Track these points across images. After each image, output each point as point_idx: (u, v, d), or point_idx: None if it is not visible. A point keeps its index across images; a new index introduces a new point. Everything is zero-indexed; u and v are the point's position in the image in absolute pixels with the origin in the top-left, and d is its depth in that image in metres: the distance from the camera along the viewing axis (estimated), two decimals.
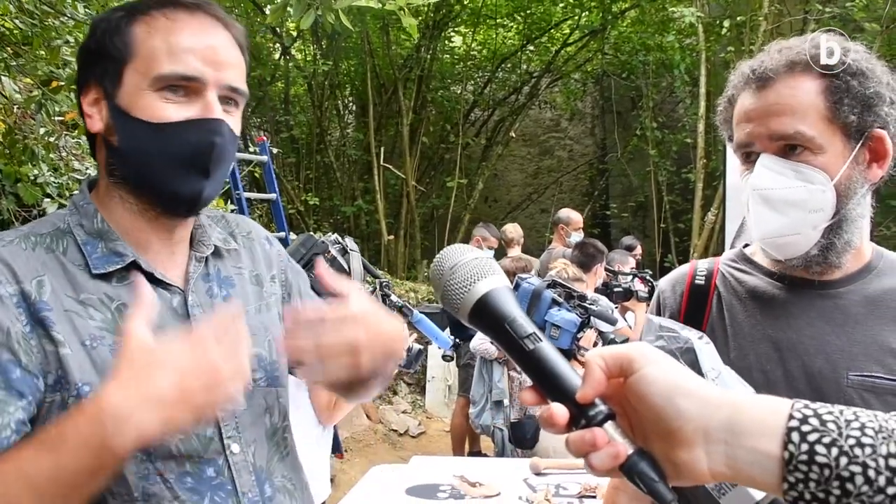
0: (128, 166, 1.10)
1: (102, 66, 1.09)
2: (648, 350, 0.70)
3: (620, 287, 4.66)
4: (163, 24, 1.08)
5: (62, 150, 3.20)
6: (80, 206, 1.13)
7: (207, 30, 1.10)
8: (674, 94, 11.30)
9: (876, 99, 1.20)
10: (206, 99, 1.08)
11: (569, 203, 10.93)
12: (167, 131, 1.06)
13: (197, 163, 1.08)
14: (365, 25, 9.85)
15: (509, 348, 0.76)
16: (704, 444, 0.65)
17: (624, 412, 0.71)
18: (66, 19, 2.36)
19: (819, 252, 1.24)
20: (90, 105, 1.11)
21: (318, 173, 11.74)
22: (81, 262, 1.08)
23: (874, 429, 0.60)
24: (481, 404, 4.93)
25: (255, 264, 1.29)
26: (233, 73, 1.11)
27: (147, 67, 1.06)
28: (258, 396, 1.18)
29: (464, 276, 0.79)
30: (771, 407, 0.65)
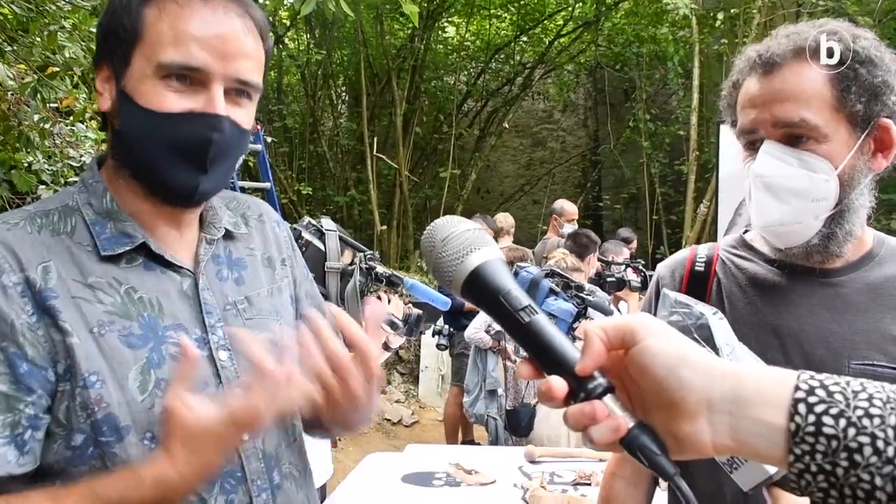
0: (127, 151, 1.08)
1: (112, 46, 1.06)
2: (650, 321, 0.68)
3: (614, 277, 4.67)
4: (172, 10, 1.03)
5: (56, 138, 3.18)
6: (88, 185, 1.10)
7: (220, 17, 1.04)
8: (667, 86, 11.32)
9: (884, 88, 1.18)
10: (211, 92, 1.03)
11: (561, 194, 10.94)
12: (165, 121, 1.02)
13: (192, 157, 1.04)
14: (359, 15, 9.81)
15: (504, 321, 0.73)
16: (708, 416, 0.64)
17: (623, 385, 0.69)
18: (64, 4, 2.34)
19: (820, 241, 1.23)
20: (102, 83, 1.09)
21: (311, 163, 11.71)
22: (89, 243, 1.05)
23: (882, 399, 0.59)
24: (475, 393, 4.95)
25: (266, 246, 1.26)
26: (245, 65, 1.06)
27: (152, 53, 1.02)
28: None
29: (456, 248, 0.76)
30: (777, 378, 0.64)
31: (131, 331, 1.03)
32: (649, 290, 1.52)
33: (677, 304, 1.13)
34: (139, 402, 1.01)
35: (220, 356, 1.09)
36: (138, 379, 1.01)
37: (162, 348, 1.04)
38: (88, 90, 2.84)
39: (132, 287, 1.06)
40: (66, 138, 3.32)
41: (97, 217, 1.07)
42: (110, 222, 1.07)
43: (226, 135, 1.05)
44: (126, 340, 1.02)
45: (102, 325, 1.01)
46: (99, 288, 1.03)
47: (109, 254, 1.05)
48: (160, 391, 1.02)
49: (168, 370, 1.03)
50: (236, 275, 1.18)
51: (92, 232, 1.06)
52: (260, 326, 1.16)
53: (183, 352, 0.93)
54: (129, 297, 1.05)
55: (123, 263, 1.06)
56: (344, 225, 10.80)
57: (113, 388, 0.99)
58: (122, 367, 1.01)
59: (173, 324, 1.07)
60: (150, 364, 1.02)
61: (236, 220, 1.24)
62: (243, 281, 1.19)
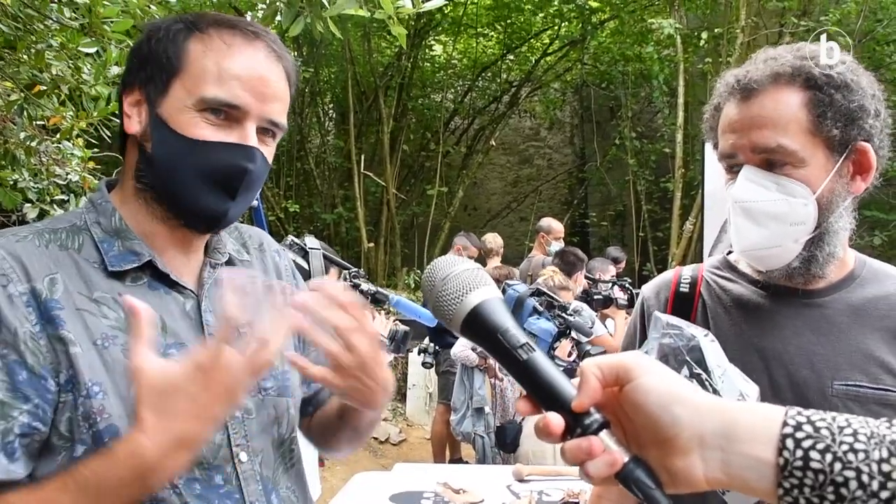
0: (157, 174, 1.10)
1: (150, 72, 1.09)
2: (644, 359, 0.71)
3: (600, 295, 4.69)
4: (218, 47, 1.08)
5: (42, 155, 3.17)
6: (97, 205, 1.13)
7: (260, 60, 1.10)
8: (652, 105, 11.41)
9: (860, 112, 1.19)
10: (244, 129, 1.08)
11: (548, 212, 10.98)
12: (201, 148, 1.06)
13: (225, 184, 1.08)
14: (346, 33, 9.84)
15: (503, 358, 0.75)
16: (700, 451, 0.66)
17: (618, 421, 0.71)
18: (52, 23, 2.34)
19: (801, 264, 1.24)
20: (131, 106, 1.12)
21: (299, 180, 11.70)
22: (97, 260, 1.07)
23: (866, 434, 0.62)
24: (462, 411, 4.94)
25: (266, 275, 1.29)
26: (276, 107, 1.11)
27: (194, 85, 1.07)
28: (268, 406, 1.17)
29: (456, 287, 0.78)
30: (765, 414, 0.66)
31: None
32: (634, 312, 1.52)
33: (669, 326, 1.14)
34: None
35: None
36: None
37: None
38: (76, 108, 2.83)
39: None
40: (52, 156, 3.31)
41: (105, 235, 1.10)
42: (118, 240, 1.09)
43: (257, 166, 1.10)
44: (129, 354, 1.01)
45: (106, 339, 1.03)
46: (104, 303, 1.05)
47: (116, 269, 1.07)
48: None
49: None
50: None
51: (100, 249, 1.08)
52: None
53: (129, 310, 0.91)
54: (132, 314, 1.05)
55: (128, 281, 1.08)
56: (331, 242, 10.79)
57: (115, 399, 1.00)
58: (123, 379, 1.01)
59: (175, 342, 1.08)
60: None
61: (238, 247, 1.27)
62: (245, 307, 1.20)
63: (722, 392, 1.05)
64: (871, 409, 1.20)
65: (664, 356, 1.09)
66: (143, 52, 1.11)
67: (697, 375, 1.06)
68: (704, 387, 1.05)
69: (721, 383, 1.06)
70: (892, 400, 1.20)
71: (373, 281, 9.79)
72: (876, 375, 1.22)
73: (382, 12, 1.79)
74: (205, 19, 1.11)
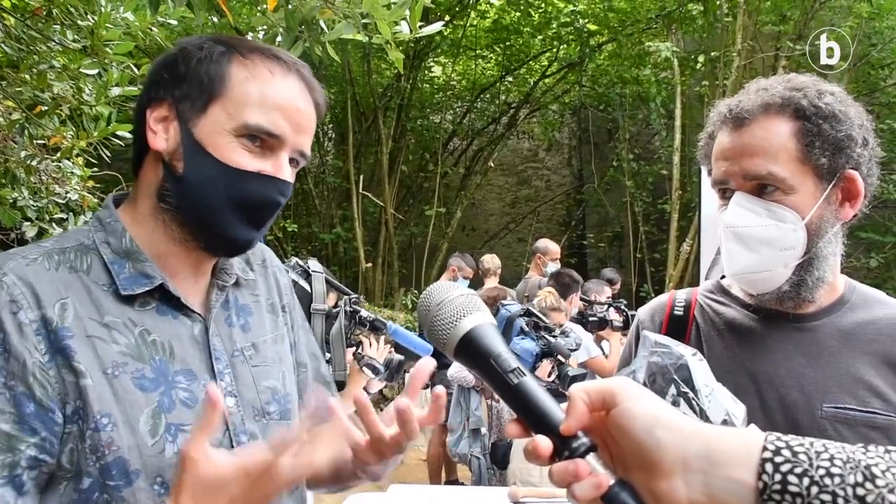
0: (186, 196, 1.07)
1: (186, 90, 1.07)
2: (630, 385, 0.73)
3: (596, 316, 4.69)
4: (263, 75, 1.08)
5: (42, 174, 3.19)
6: (105, 224, 1.11)
7: (298, 93, 1.11)
8: (649, 127, 11.47)
9: (847, 141, 1.23)
10: (279, 158, 1.09)
11: (546, 233, 11.00)
12: (239, 176, 1.06)
13: (256, 214, 1.09)
14: (346, 55, 9.91)
15: (494, 382, 0.77)
16: (683, 474, 0.67)
17: (605, 444, 0.73)
18: (54, 45, 2.37)
19: (791, 288, 1.27)
20: (157, 121, 1.09)
21: (297, 200, 11.72)
22: (107, 282, 1.06)
23: (842, 459, 0.63)
24: (458, 432, 4.93)
25: (270, 293, 1.29)
26: (307, 139, 1.13)
27: (236, 111, 1.06)
28: (271, 430, 1.16)
29: (450, 313, 0.81)
30: (745, 438, 0.68)
31: (144, 373, 1.03)
32: (630, 334, 1.55)
33: (657, 345, 1.15)
34: (149, 447, 1.00)
35: (226, 403, 1.10)
36: (149, 423, 1.01)
37: (172, 393, 1.04)
38: (76, 128, 2.85)
39: (146, 329, 1.06)
40: (52, 175, 3.33)
41: (115, 256, 1.08)
42: (129, 262, 1.08)
43: (287, 198, 1.11)
44: (138, 383, 1.02)
45: (116, 367, 1.01)
46: (114, 328, 1.03)
47: (129, 293, 1.05)
48: (170, 436, 1.02)
49: (178, 415, 1.03)
50: (243, 321, 1.20)
51: (111, 271, 1.06)
52: (265, 374, 1.18)
53: (210, 400, 0.90)
54: (142, 339, 1.05)
55: (138, 305, 1.07)
56: (329, 262, 10.80)
57: (124, 431, 0.99)
58: (133, 409, 1.00)
59: (183, 369, 1.07)
60: (161, 408, 1.02)
61: (243, 266, 1.26)
62: (249, 328, 1.20)
63: (709, 411, 1.07)
64: (860, 431, 1.22)
65: (652, 375, 1.10)
66: (177, 69, 1.09)
67: (685, 394, 1.07)
68: (691, 405, 1.06)
69: (708, 402, 1.07)
70: (879, 423, 1.22)
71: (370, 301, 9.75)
72: (864, 399, 1.24)
73: (380, 37, 1.81)
74: (246, 45, 1.11)
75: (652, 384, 1.09)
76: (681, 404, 1.06)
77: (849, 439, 1.20)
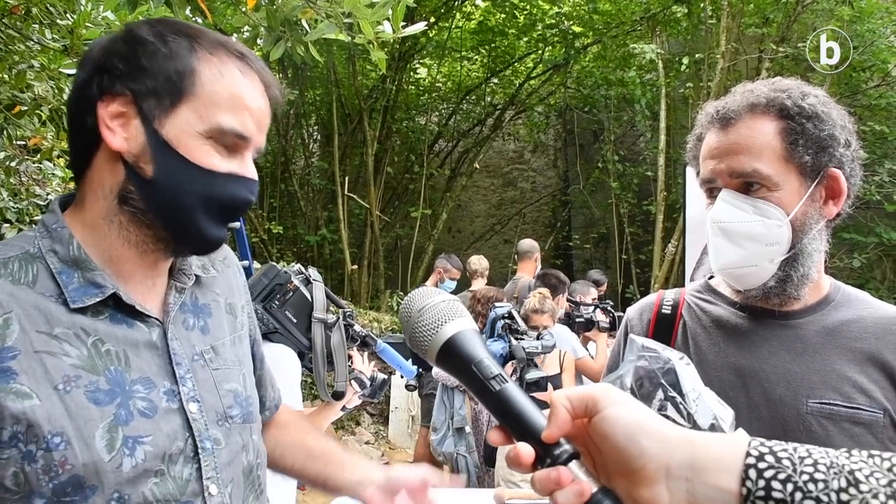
0: (157, 200, 1.03)
1: (151, 87, 1.02)
2: (612, 391, 0.72)
3: (582, 317, 4.70)
4: (232, 76, 1.06)
5: (23, 175, 3.15)
6: (52, 230, 1.05)
7: (261, 92, 1.10)
8: (635, 128, 11.52)
9: (830, 140, 1.26)
10: (244, 157, 1.08)
11: (531, 234, 11.02)
12: (214, 180, 1.04)
13: (229, 213, 1.09)
14: (331, 56, 9.89)
15: (476, 389, 0.77)
16: (666, 481, 0.67)
17: (588, 451, 0.73)
18: (34, 44, 2.34)
19: (776, 284, 1.30)
20: (113, 118, 1.03)
21: (283, 202, 11.69)
22: (55, 293, 1.00)
23: (826, 465, 0.63)
24: (443, 431, 4.92)
25: (229, 292, 1.26)
26: (265, 138, 1.13)
27: (208, 113, 1.03)
28: (235, 434, 1.14)
29: (431, 319, 0.80)
30: (729, 444, 0.67)
31: (98, 386, 0.99)
32: (619, 334, 1.57)
33: (644, 349, 1.15)
34: (106, 462, 0.96)
35: (190, 408, 1.07)
36: (105, 437, 0.97)
37: (129, 403, 1.01)
38: (56, 128, 2.82)
39: (100, 339, 1.02)
40: (32, 176, 3.29)
41: (63, 266, 1.03)
42: (78, 271, 1.03)
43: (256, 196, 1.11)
44: (93, 397, 0.98)
45: (68, 381, 0.97)
46: (65, 339, 0.99)
47: (79, 306, 1.01)
48: (128, 449, 0.98)
49: (136, 427, 1.00)
50: (202, 323, 1.17)
51: (58, 281, 1.01)
52: (226, 377, 1.15)
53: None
54: (95, 350, 1.01)
55: (90, 315, 1.02)
56: (315, 264, 10.74)
57: (79, 448, 0.95)
58: (88, 424, 0.96)
59: (140, 377, 1.04)
60: (118, 421, 0.99)
61: (203, 262, 1.24)
62: (208, 330, 1.17)
63: (696, 415, 1.06)
64: (844, 426, 1.23)
65: (640, 379, 1.10)
66: (137, 61, 1.02)
67: (672, 398, 1.07)
68: (679, 410, 1.06)
69: (695, 406, 1.07)
70: (863, 418, 1.23)
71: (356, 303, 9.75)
72: (849, 394, 1.25)
73: (363, 37, 1.80)
74: (207, 36, 1.07)
75: (639, 388, 1.08)
76: (668, 409, 1.05)
77: (833, 434, 1.23)
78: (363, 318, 8.26)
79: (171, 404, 1.05)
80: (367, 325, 7.91)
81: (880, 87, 8.84)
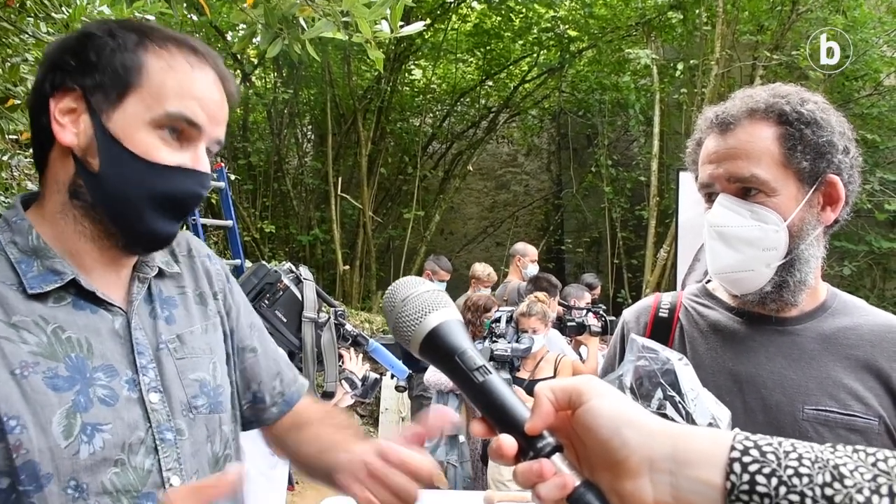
0: (103, 193, 1.03)
1: (98, 80, 1.03)
2: (596, 383, 0.71)
3: (574, 321, 4.70)
4: (182, 67, 1.06)
5: (14, 170, 3.13)
6: (12, 223, 1.06)
7: (214, 84, 1.10)
8: (628, 133, 11.55)
9: (828, 147, 1.26)
10: (196, 150, 1.07)
11: (524, 237, 11.04)
12: (159, 173, 1.03)
13: (178, 208, 1.08)
14: (326, 55, 9.88)
15: (459, 380, 0.76)
16: (649, 474, 0.66)
17: (571, 444, 0.72)
18: (28, 37, 2.33)
19: (773, 289, 1.30)
20: (63, 113, 1.04)
21: (275, 201, 11.66)
22: (14, 282, 1.01)
23: (811, 459, 0.63)
24: (435, 439, 4.87)
25: (198, 283, 1.25)
26: (222, 129, 1.12)
27: (154, 101, 1.03)
28: (199, 424, 1.12)
29: (415, 309, 0.79)
30: (713, 438, 0.67)
31: (57, 372, 0.98)
32: (615, 335, 1.57)
33: (644, 349, 1.16)
34: (62, 448, 0.95)
35: (150, 398, 1.06)
36: (63, 423, 0.96)
37: (90, 391, 1.00)
38: None
39: (60, 326, 1.01)
40: (24, 171, 3.27)
41: (22, 255, 1.03)
42: (37, 260, 1.03)
43: (207, 189, 1.10)
44: (51, 382, 0.97)
45: (25, 367, 0.96)
46: (23, 327, 0.98)
47: (37, 292, 1.01)
48: (86, 436, 0.97)
49: (95, 414, 0.99)
50: (167, 313, 1.16)
51: (18, 270, 1.01)
52: (192, 366, 1.14)
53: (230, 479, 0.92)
54: (55, 337, 1.00)
55: (51, 302, 1.02)
56: (307, 264, 10.72)
57: (35, 433, 0.94)
58: (45, 410, 0.96)
59: (102, 364, 1.03)
60: (77, 407, 0.98)
61: (167, 258, 1.22)
62: (174, 320, 1.16)
63: (694, 415, 1.07)
64: (840, 433, 1.23)
65: (639, 378, 1.10)
66: (87, 56, 1.04)
67: (671, 398, 1.07)
68: (678, 409, 1.06)
69: (694, 406, 1.07)
70: (859, 426, 1.24)
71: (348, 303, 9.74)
72: (845, 402, 1.25)
73: (360, 36, 1.80)
74: (158, 32, 1.08)
75: (639, 388, 1.09)
76: (667, 408, 1.06)
77: (829, 441, 1.21)
78: (355, 318, 8.25)
79: (132, 394, 1.05)
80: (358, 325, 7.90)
81: (872, 97, 8.90)
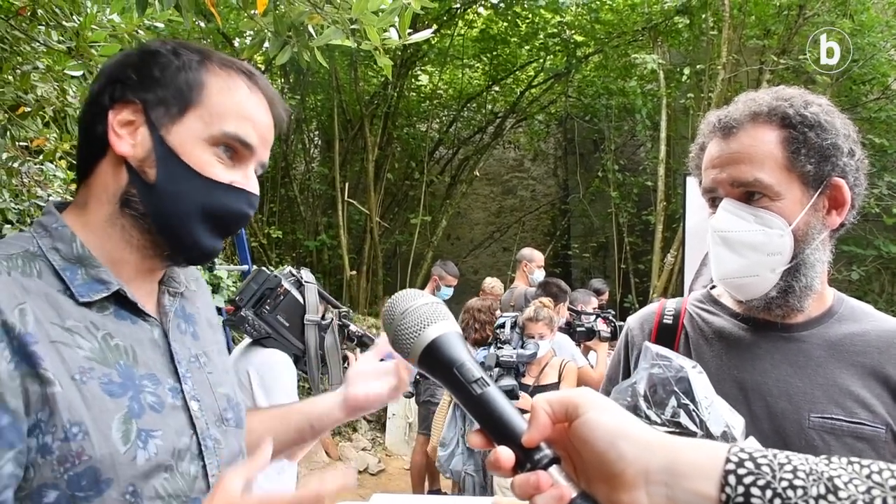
0: (157, 204, 1.06)
1: (161, 96, 1.07)
2: (592, 396, 0.72)
3: (583, 327, 4.69)
4: (239, 89, 1.11)
5: (25, 177, 3.15)
6: (52, 230, 1.06)
7: (266, 107, 1.14)
8: (635, 138, 11.54)
9: (833, 150, 1.25)
10: (247, 169, 1.11)
11: (531, 242, 11.02)
12: (213, 188, 1.07)
13: (226, 225, 1.11)
14: (333, 62, 9.90)
15: (457, 392, 0.76)
16: (646, 486, 0.67)
17: (568, 456, 0.72)
18: (39, 46, 2.34)
19: (779, 294, 1.28)
20: (122, 125, 1.07)
21: (282, 207, 11.68)
22: (61, 288, 1.01)
23: (805, 471, 0.63)
24: (451, 448, 4.78)
25: (206, 308, 1.30)
26: (268, 152, 1.16)
27: (213, 120, 1.07)
28: (231, 436, 1.16)
29: (414, 321, 0.80)
30: (709, 450, 0.67)
31: (111, 378, 1.00)
32: (619, 342, 1.55)
33: (658, 357, 1.15)
34: (122, 454, 0.97)
35: (192, 406, 1.09)
36: (121, 429, 0.98)
37: (140, 397, 1.02)
38: (59, 130, 2.82)
39: (109, 333, 1.03)
40: (34, 177, 3.30)
41: (66, 263, 1.04)
42: (82, 268, 1.04)
43: (255, 210, 1.14)
44: (107, 388, 0.99)
45: (83, 372, 0.97)
46: (77, 332, 1.00)
47: (86, 300, 1.02)
48: (141, 442, 0.99)
49: (147, 420, 1.01)
50: (192, 329, 1.20)
51: (63, 277, 1.02)
52: (218, 381, 1.19)
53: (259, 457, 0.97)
54: (105, 344, 1.02)
55: (95, 310, 1.04)
56: (313, 270, 10.73)
57: (96, 439, 0.95)
58: (104, 415, 0.97)
59: (147, 373, 1.05)
60: (132, 413, 1.00)
61: (184, 279, 1.26)
62: (198, 336, 1.21)
63: (708, 422, 1.07)
64: (846, 441, 1.22)
65: (653, 386, 1.10)
66: (150, 72, 1.08)
67: (685, 406, 1.07)
68: (692, 417, 1.06)
69: (708, 414, 1.07)
70: (866, 434, 1.22)
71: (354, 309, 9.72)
72: (851, 409, 1.24)
73: (369, 43, 1.81)
74: (217, 55, 1.13)
75: (653, 395, 1.09)
76: (681, 416, 1.06)
77: (836, 449, 1.21)
78: (362, 323, 8.24)
79: (176, 401, 1.07)
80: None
81: (880, 101, 8.87)
